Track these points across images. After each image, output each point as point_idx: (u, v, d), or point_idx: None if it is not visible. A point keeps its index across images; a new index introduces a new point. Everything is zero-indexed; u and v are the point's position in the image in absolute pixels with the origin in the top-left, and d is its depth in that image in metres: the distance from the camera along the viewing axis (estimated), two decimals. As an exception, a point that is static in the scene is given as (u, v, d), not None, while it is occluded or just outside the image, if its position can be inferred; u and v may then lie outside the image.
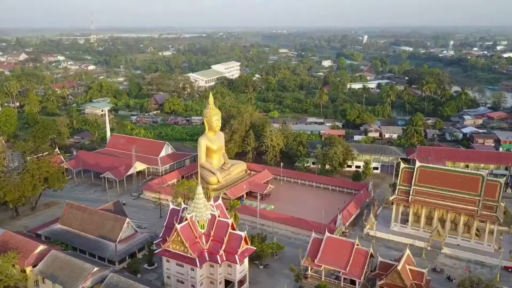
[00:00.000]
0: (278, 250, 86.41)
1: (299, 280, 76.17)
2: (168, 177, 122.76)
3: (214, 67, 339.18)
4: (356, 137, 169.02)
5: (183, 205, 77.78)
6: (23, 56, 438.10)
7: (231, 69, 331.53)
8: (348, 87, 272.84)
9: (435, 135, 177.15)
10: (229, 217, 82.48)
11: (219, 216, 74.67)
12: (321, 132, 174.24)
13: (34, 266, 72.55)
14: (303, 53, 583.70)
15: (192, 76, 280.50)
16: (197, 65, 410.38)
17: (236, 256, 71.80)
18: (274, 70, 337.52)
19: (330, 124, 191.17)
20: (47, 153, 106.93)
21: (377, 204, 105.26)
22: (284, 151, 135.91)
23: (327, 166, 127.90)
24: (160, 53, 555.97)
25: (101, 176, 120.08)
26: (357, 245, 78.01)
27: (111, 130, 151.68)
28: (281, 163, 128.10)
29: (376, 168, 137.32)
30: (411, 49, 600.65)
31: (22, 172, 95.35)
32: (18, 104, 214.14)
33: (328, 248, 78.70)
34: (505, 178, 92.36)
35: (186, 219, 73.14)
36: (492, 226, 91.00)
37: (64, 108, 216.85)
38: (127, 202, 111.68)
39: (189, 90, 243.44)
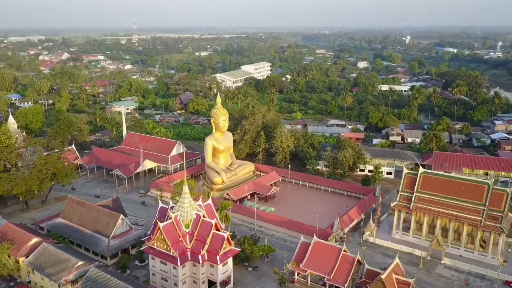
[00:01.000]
0: (269, 252, 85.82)
1: (283, 284, 75.39)
2: (175, 175, 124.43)
3: (243, 67, 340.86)
4: (376, 141, 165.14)
5: (171, 204, 78.73)
6: (65, 56, 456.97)
7: (261, 70, 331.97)
8: (379, 89, 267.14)
9: (460, 140, 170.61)
10: (218, 217, 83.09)
11: (203, 216, 75.09)
12: (340, 134, 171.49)
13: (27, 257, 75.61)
14: (340, 54, 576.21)
15: (220, 76, 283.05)
16: (230, 66, 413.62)
17: (218, 257, 71.93)
18: (305, 71, 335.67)
19: (352, 126, 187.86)
20: (57, 150, 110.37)
21: (380, 210, 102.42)
22: (295, 153, 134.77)
23: (337, 169, 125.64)
24: (196, 53, 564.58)
25: (110, 173, 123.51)
26: (345, 251, 76.34)
27: (129, 128, 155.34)
28: (289, 165, 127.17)
29: (390, 173, 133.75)
30: (455, 50, 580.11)
31: (30, 167, 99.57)
32: (50, 101, 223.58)
33: (314, 252, 77.44)
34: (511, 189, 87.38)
35: (171, 218, 74.16)
36: (497, 237, 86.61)
37: (94, 106, 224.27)
38: (132, 199, 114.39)
39: (215, 90, 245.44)
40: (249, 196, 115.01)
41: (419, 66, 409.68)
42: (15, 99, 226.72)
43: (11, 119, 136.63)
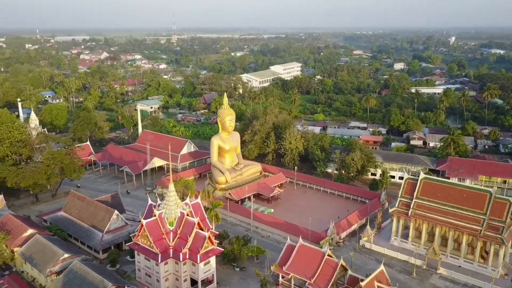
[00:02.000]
0: (259, 253, 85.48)
1: (264, 286, 74.93)
2: (183, 174, 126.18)
3: (272, 67, 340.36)
4: (395, 144, 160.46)
5: (158, 201, 79.98)
6: (104, 55, 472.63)
7: (290, 70, 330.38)
8: (409, 91, 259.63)
9: (486, 146, 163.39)
10: (206, 216, 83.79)
11: (188, 215, 75.84)
12: (359, 137, 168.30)
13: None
14: (378, 55, 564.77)
15: (247, 76, 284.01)
16: (262, 66, 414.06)
17: (198, 256, 72.46)
18: (336, 72, 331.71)
19: (373, 129, 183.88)
20: (67, 146, 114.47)
21: (381, 216, 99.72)
22: (305, 155, 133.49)
23: (344, 172, 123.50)
24: (232, 54, 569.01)
25: (120, 169, 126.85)
26: (329, 255, 74.92)
27: (145, 126, 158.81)
28: (295, 167, 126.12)
29: (402, 178, 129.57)
30: (501, 51, 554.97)
31: (37, 162, 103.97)
32: (81, 99, 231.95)
33: (299, 256, 76.46)
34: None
35: (155, 215, 75.42)
36: (498, 248, 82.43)
37: (121, 104, 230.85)
38: (139, 196, 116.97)
39: (240, 90, 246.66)
40: (252, 197, 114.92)
41: (459, 68, 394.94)
42: (48, 96, 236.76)
43: (32, 115, 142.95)
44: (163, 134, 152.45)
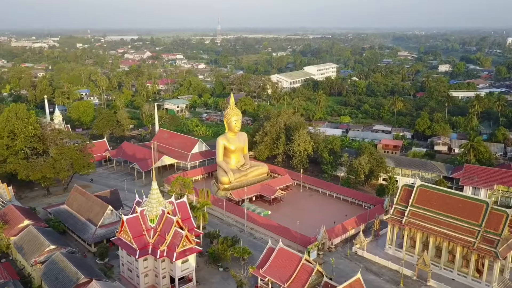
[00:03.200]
0: (245, 255, 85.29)
1: (240, 288, 74.97)
2: (191, 172, 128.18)
3: (306, 68, 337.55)
4: (414, 149, 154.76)
5: (144, 199, 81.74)
6: (147, 54, 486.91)
7: (325, 71, 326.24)
8: (452, 94, 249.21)
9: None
10: (191, 215, 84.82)
11: (168, 213, 77.07)
12: (379, 141, 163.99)
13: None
14: (424, 56, 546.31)
15: (277, 77, 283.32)
16: (300, 66, 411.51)
17: (174, 254, 73.50)
18: (374, 73, 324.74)
19: (396, 133, 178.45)
20: (79, 142, 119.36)
21: (379, 223, 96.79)
22: (314, 158, 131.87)
23: (352, 177, 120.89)
24: (274, 54, 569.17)
25: (130, 166, 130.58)
26: (307, 260, 73.76)
27: (163, 125, 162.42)
28: (301, 169, 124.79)
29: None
30: None
31: (48, 156, 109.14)
32: (114, 97, 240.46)
33: (277, 259, 75.71)
34: (512, 209, 77.94)
35: (137, 212, 77.28)
36: (492, 262, 77.96)
37: (151, 102, 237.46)
38: (145, 192, 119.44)
39: (269, 91, 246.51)
40: (254, 198, 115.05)
41: (508, 71, 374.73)
42: (84, 94, 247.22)
43: (56, 112, 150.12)
44: (177, 133, 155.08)
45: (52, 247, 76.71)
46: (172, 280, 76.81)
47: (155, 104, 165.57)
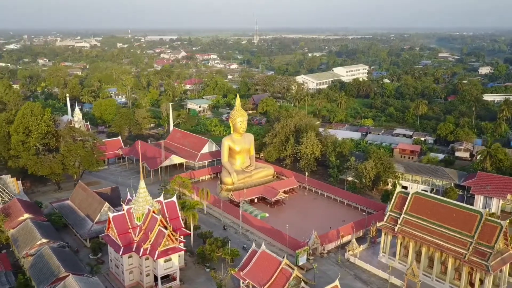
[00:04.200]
0: (233, 256, 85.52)
1: (219, 289, 75.24)
2: (197, 172, 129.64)
3: (335, 69, 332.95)
4: (435, 155, 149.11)
5: (132, 196, 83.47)
6: (182, 54, 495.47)
7: (354, 73, 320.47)
8: (489, 98, 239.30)
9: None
10: (180, 215, 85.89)
11: (153, 212, 78.40)
12: (396, 145, 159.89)
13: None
14: (465, 57, 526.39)
15: (303, 78, 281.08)
16: (333, 66, 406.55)
17: (156, 252, 74.72)
18: (407, 75, 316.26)
19: (416, 137, 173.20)
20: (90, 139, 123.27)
21: (375, 230, 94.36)
22: (321, 161, 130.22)
23: (358, 182, 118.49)
24: (310, 54, 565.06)
25: (135, 164, 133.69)
26: (287, 264, 73.09)
27: (178, 124, 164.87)
28: (306, 173, 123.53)
29: (425, 192, 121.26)
30: None
31: (55, 153, 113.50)
32: (138, 96, 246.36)
33: (258, 262, 75.47)
34: (507, 222, 74.00)
35: (123, 210, 79.15)
36: (481, 275, 74.48)
37: (177, 101, 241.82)
38: (152, 190, 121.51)
39: (293, 91, 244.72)
40: (256, 200, 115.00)
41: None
42: (113, 93, 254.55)
43: (76, 110, 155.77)
44: (190, 132, 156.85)
45: (44, 240, 79.79)
46: (156, 278, 78.07)
47: (170, 104, 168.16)
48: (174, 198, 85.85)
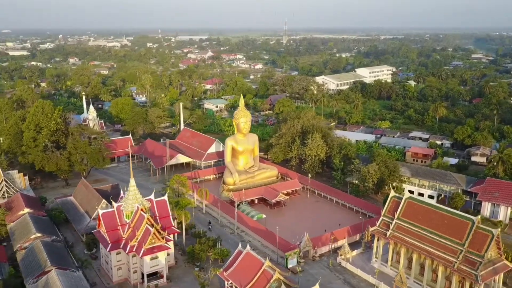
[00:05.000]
0: (222, 256, 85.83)
1: (202, 289, 75.63)
2: (202, 172, 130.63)
3: (358, 70, 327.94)
4: (448, 159, 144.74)
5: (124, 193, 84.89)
6: (208, 54, 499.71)
7: (378, 74, 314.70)
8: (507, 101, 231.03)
9: None
10: (170, 214, 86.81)
11: (142, 210, 79.56)
12: (410, 148, 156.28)
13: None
14: (499, 58, 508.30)
15: (324, 78, 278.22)
16: (359, 67, 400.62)
17: (142, 250, 75.81)
18: (433, 76, 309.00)
19: (432, 141, 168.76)
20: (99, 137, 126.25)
21: (370, 234, 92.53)
22: (327, 163, 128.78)
23: (361, 185, 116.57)
24: (338, 55, 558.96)
25: (147, 162, 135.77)
26: (270, 267, 72.75)
27: (190, 124, 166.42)
28: (309, 174, 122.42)
29: (432, 197, 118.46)
30: None
31: (62, 150, 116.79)
32: (162, 95, 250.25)
33: (242, 263, 75.50)
34: (498, 230, 71.11)
35: (113, 207, 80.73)
36: (471, 285, 71.84)
37: (196, 101, 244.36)
38: (156, 188, 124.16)
39: (314, 92, 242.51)
40: (256, 201, 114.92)
41: None
42: (134, 91, 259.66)
43: (91, 108, 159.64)
44: (197, 132, 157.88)
45: (38, 235, 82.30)
46: (148, 275, 79.11)
47: (181, 103, 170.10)
48: (165, 197, 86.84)
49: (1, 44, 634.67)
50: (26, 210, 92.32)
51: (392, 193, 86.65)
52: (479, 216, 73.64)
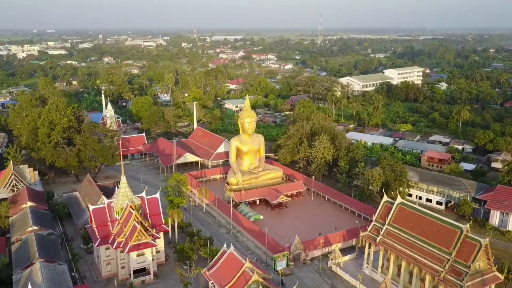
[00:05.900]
0: (212, 256, 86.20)
1: (185, 287, 76.23)
2: (209, 171, 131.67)
3: (386, 71, 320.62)
4: (461, 165, 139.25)
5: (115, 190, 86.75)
6: (240, 54, 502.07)
7: (407, 75, 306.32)
8: None
9: None
10: (161, 212, 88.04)
11: (131, 207, 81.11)
12: (426, 152, 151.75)
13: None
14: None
15: (348, 79, 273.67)
16: (391, 67, 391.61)
17: (128, 246, 77.35)
18: (467, 79, 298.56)
19: (451, 145, 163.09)
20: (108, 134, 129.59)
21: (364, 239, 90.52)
22: (333, 165, 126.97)
23: (366, 189, 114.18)
24: (372, 55, 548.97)
25: (156, 161, 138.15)
26: (249, 267, 72.52)
27: (205, 124, 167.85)
28: (313, 176, 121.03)
29: (440, 203, 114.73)
30: None
31: (71, 146, 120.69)
32: (186, 94, 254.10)
33: (225, 263, 75.61)
34: (487, 240, 67.89)
35: (104, 203, 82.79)
36: (460, 298, 69.02)
37: (219, 101, 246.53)
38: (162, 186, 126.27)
39: (339, 93, 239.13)
40: (258, 202, 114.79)
41: None
42: (158, 90, 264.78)
43: (109, 106, 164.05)
44: (208, 131, 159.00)
45: (34, 227, 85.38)
46: (136, 271, 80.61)
47: (194, 103, 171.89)
48: (157, 195, 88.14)
49: (43, 44, 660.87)
50: (29, 203, 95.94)
51: (385, 198, 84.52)
52: (468, 225, 70.62)
